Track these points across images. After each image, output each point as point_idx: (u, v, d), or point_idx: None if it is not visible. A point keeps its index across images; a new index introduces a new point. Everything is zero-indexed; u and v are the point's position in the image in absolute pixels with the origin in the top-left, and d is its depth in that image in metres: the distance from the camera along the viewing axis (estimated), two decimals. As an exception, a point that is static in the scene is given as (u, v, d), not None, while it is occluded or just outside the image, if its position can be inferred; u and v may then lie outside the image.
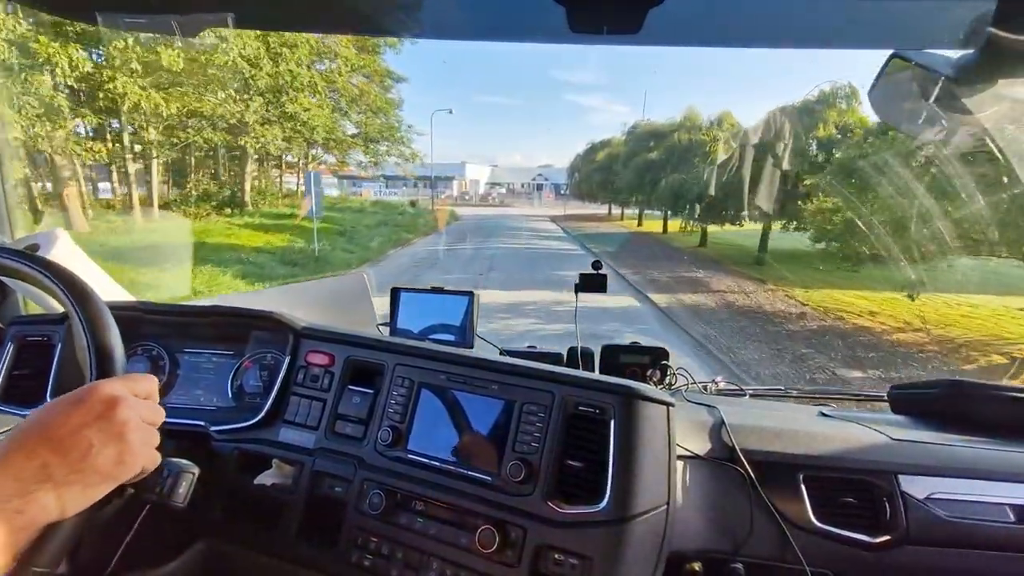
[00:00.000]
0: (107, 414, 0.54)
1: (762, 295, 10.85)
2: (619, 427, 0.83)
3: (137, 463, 0.56)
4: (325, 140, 19.30)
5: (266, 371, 1.13)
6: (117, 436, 0.54)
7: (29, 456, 0.49)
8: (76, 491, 0.51)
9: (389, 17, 1.10)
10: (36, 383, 1.11)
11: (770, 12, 0.94)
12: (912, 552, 0.93)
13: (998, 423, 1.10)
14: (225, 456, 1.03)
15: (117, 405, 0.55)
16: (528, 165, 72.76)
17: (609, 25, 0.91)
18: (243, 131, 15.57)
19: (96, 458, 0.52)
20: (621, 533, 0.78)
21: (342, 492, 0.95)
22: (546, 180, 57.56)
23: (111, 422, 0.54)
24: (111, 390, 0.56)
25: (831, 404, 1.38)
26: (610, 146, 27.11)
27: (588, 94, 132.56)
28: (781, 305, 9.95)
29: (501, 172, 65.01)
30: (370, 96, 21.17)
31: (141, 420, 0.57)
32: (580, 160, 30.36)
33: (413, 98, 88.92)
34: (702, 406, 1.13)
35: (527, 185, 59.61)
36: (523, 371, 0.92)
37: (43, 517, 0.49)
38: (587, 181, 27.80)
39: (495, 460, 0.88)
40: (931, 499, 0.95)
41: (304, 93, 16.62)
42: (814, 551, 0.93)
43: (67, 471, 0.50)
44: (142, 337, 1.18)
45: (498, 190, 57.85)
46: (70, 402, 0.54)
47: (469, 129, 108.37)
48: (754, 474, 0.96)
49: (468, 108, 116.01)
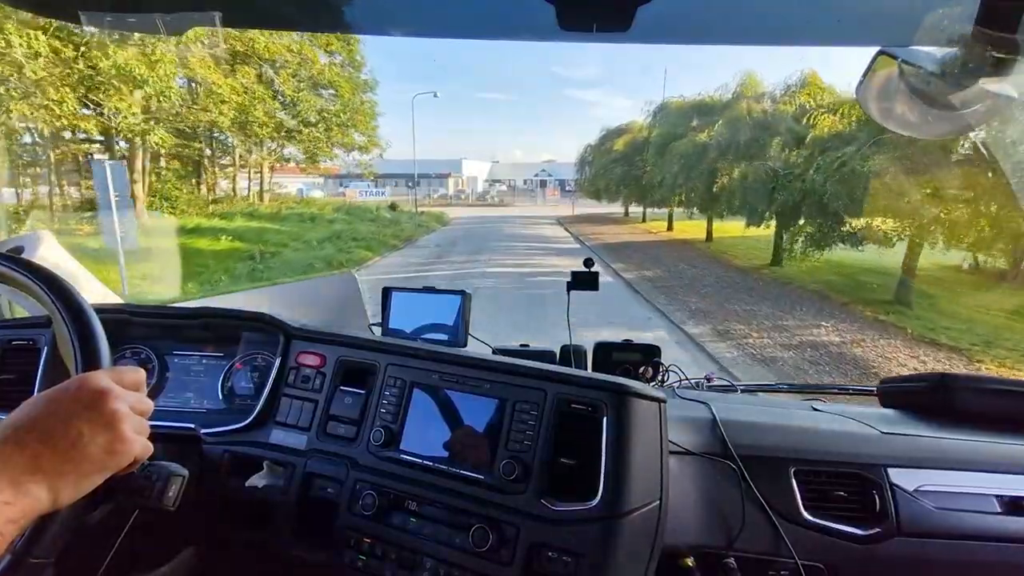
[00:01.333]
0: (96, 404, 0.54)
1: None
2: (611, 424, 0.83)
3: (129, 451, 0.55)
4: (240, 123, 15.04)
5: (257, 372, 1.12)
6: (107, 425, 0.53)
7: (19, 447, 0.49)
8: (69, 481, 0.51)
9: (377, 15, 1.09)
10: (22, 387, 1.09)
11: (758, 10, 0.95)
12: (902, 544, 0.94)
13: (985, 415, 1.12)
14: (216, 459, 1.03)
15: (106, 395, 0.55)
16: (530, 160, 68.21)
17: (599, 23, 0.91)
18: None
19: (87, 447, 0.52)
20: (614, 529, 0.79)
21: (334, 493, 0.94)
22: (549, 176, 54.14)
23: (100, 412, 0.54)
24: (99, 381, 0.56)
25: (822, 399, 1.39)
26: (630, 131, 21.80)
27: (588, 89, 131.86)
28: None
29: (501, 168, 61.33)
30: (313, 68, 17.25)
31: (130, 409, 0.57)
32: (592, 151, 25.22)
33: (403, 97, 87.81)
34: (694, 402, 1.13)
35: (529, 182, 55.72)
36: (515, 369, 0.92)
37: (36, 508, 0.49)
38: (603, 176, 22.32)
39: (488, 459, 0.87)
40: (920, 491, 0.97)
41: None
42: (805, 544, 0.94)
43: (59, 461, 0.50)
44: (130, 339, 1.17)
45: (498, 187, 54.01)
46: (58, 393, 0.54)
47: (466, 126, 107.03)
48: (746, 469, 0.97)
49: (466, 105, 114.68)
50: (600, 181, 23.00)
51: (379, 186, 40.65)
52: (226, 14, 1.03)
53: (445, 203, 39.87)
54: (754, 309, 8.74)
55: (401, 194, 38.98)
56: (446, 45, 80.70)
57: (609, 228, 23.14)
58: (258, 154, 20.55)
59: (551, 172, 54.84)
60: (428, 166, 48.52)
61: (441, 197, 44.11)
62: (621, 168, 20.61)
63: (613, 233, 21.09)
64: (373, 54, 20.75)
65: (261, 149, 19.86)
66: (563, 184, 49.28)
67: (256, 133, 17.42)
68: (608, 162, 21.97)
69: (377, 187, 39.52)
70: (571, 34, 0.94)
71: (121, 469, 0.56)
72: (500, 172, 60.21)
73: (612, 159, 21.72)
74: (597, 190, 24.04)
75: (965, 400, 1.15)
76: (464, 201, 43.38)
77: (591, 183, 24.80)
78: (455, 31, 1.13)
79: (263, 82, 16.36)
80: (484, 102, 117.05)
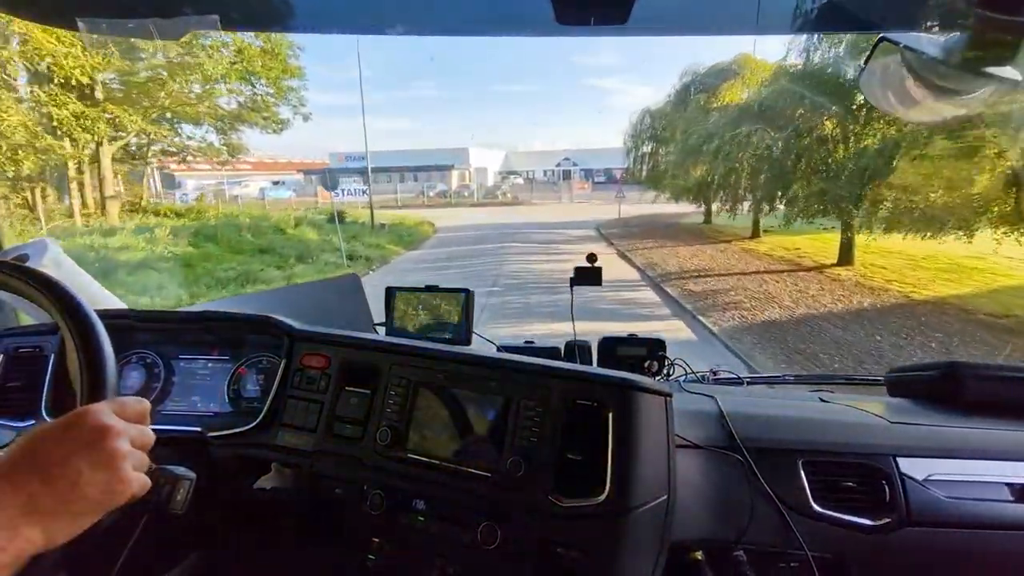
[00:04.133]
0: (97, 442, 0.53)
1: None
2: (617, 419, 0.83)
3: (127, 491, 0.54)
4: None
5: (262, 375, 1.13)
6: (107, 464, 0.52)
7: (16, 489, 0.48)
8: (64, 522, 0.50)
9: (376, 14, 1.09)
10: (29, 394, 1.10)
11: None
12: (912, 533, 0.93)
13: (995, 403, 1.11)
14: (223, 461, 1.03)
15: (107, 432, 0.53)
16: (550, 149, 56.07)
17: (596, 16, 0.91)
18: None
19: (85, 487, 0.51)
20: (622, 524, 0.79)
21: (342, 493, 0.95)
22: (574, 165, 45.58)
23: (101, 450, 0.52)
24: (100, 418, 0.55)
25: (828, 389, 1.38)
26: (739, 84, 13.55)
27: (607, 76, 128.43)
28: None
29: (518, 158, 52.04)
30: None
31: (131, 445, 0.56)
32: (650, 125, 16.71)
33: (421, 93, 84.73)
34: (700, 395, 1.13)
35: (550, 173, 46.91)
36: (520, 367, 0.92)
37: (28, 550, 0.48)
38: (686, 157, 13.45)
39: (495, 456, 0.87)
40: (930, 480, 0.96)
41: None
42: (815, 535, 0.93)
43: (55, 502, 0.49)
44: (136, 344, 1.18)
45: (513, 180, 44.18)
46: (59, 429, 0.53)
47: (477, 119, 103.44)
48: (753, 461, 0.96)
49: (480, 96, 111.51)
50: (677, 170, 13.98)
51: (370, 180, 31.20)
52: (223, 17, 1.03)
53: (444, 202, 32.36)
54: None
55: (383, 192, 31.50)
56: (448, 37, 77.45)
57: (696, 248, 12.90)
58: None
59: (576, 161, 46.34)
60: (428, 157, 41.70)
61: (440, 195, 35.01)
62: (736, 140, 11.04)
63: (720, 266, 10.86)
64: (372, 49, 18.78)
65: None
66: (587, 174, 42.93)
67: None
68: (704, 135, 12.31)
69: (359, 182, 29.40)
70: (569, 28, 0.93)
71: (117, 506, 0.55)
72: (516, 162, 51.67)
73: (718, 125, 12.12)
74: (677, 189, 15.16)
75: (974, 388, 1.14)
76: (467, 200, 33.69)
77: (657, 173, 15.89)
78: (452, 29, 1.12)
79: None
80: (496, 94, 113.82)
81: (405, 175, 39.97)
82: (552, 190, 37.13)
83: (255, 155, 19.57)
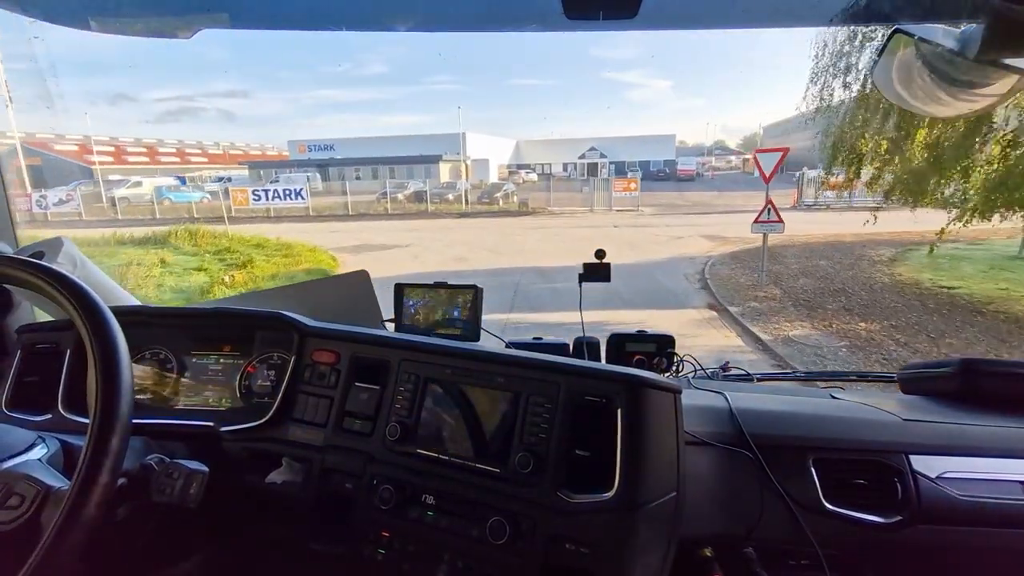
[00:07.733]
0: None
1: None
2: (626, 415, 0.82)
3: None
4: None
5: (273, 370, 1.14)
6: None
7: None
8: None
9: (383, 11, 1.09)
10: (46, 389, 1.12)
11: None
12: (924, 531, 0.93)
13: (1009, 400, 1.09)
14: (235, 456, 1.04)
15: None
16: (574, 137, 44.61)
17: (605, 10, 0.90)
18: None
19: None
20: (631, 521, 0.79)
21: (352, 488, 0.95)
22: (602, 157, 35.78)
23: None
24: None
25: (840, 387, 1.37)
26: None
27: (625, 70, 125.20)
28: None
29: (531, 149, 41.46)
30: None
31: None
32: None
33: (436, 87, 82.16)
34: (710, 392, 1.12)
35: (572, 167, 36.36)
36: (528, 363, 0.92)
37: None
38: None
39: (503, 452, 0.88)
40: (943, 478, 0.95)
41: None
42: (825, 533, 0.93)
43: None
44: (150, 341, 1.19)
45: (525, 175, 34.11)
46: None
47: (491, 112, 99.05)
48: (763, 458, 0.96)
49: (497, 91, 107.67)
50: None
51: (315, 178, 25.04)
52: (233, 15, 1.04)
53: (417, 209, 22.35)
54: None
55: (363, 190, 24.21)
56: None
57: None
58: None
59: (604, 152, 36.60)
60: (414, 145, 32.18)
61: (414, 197, 23.67)
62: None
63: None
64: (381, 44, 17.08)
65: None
66: (619, 169, 33.04)
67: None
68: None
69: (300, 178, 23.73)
70: (578, 23, 0.93)
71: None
72: (529, 153, 41.39)
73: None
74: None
75: (987, 385, 1.12)
76: (449, 205, 22.75)
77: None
78: (461, 24, 1.12)
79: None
80: (512, 88, 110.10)
81: (379, 168, 31.39)
82: (581, 188, 23.95)
83: (203, 146, 15.89)
